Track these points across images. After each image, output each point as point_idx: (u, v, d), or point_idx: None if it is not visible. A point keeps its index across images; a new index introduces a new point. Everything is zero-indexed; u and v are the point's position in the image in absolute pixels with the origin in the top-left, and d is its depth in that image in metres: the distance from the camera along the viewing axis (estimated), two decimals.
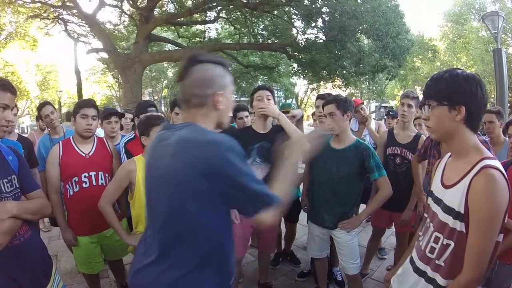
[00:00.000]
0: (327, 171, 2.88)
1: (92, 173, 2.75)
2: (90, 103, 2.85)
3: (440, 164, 1.71)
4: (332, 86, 20.29)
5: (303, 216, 3.68)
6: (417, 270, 1.58)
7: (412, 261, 1.66)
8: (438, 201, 1.55)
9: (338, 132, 2.84)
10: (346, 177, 2.81)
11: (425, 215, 1.71)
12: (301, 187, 3.94)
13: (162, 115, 3.16)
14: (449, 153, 1.67)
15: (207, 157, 1.23)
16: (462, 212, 1.36)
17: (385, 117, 6.43)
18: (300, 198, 4.00)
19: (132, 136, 3.33)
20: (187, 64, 1.40)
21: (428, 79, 1.57)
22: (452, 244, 1.41)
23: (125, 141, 3.31)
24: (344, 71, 13.63)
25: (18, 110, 3.81)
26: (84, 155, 2.78)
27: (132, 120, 4.23)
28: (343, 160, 2.84)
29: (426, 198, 1.75)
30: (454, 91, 1.40)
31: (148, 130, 2.56)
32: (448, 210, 1.44)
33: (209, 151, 1.24)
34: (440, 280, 1.44)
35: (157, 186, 1.37)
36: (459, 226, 1.38)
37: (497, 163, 1.36)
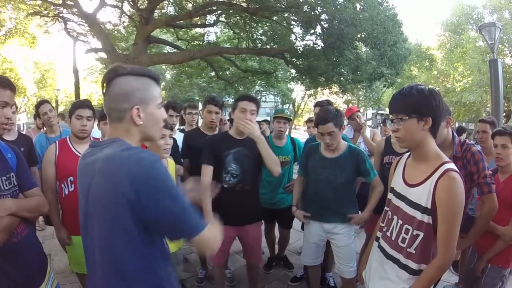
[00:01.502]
0: (324, 180, 2.94)
1: None
2: (85, 104, 2.88)
3: (399, 164, 1.97)
4: (329, 93, 20.32)
5: (297, 221, 3.71)
6: (390, 257, 1.82)
7: (383, 251, 1.89)
8: (401, 197, 1.81)
9: (335, 146, 2.91)
10: (344, 183, 2.91)
11: (386, 208, 1.98)
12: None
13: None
14: (407, 155, 1.94)
15: (129, 173, 1.17)
16: (429, 207, 1.63)
17: (381, 124, 6.47)
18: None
19: None
20: (107, 76, 1.33)
21: (395, 93, 1.78)
22: (422, 234, 1.68)
23: None
24: (342, 78, 13.65)
25: (17, 108, 3.81)
26: (80, 155, 2.79)
27: None
28: (339, 167, 2.92)
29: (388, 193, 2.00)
30: (421, 105, 1.63)
31: None
32: (414, 205, 1.71)
33: (131, 167, 1.18)
34: (413, 265, 1.71)
35: (87, 209, 1.30)
36: (426, 219, 1.65)
37: (454, 166, 1.65)
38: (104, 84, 1.35)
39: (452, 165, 1.65)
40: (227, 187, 2.84)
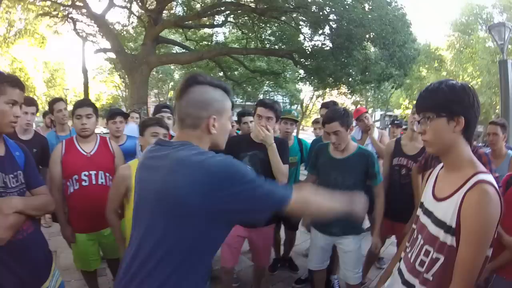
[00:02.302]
0: (331, 182, 2.82)
1: (92, 172, 2.80)
2: (84, 103, 2.92)
3: (431, 176, 1.69)
4: (337, 94, 20.28)
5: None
6: (405, 283, 1.56)
7: (401, 273, 1.64)
8: (428, 213, 1.54)
9: (343, 146, 2.83)
10: (352, 186, 2.72)
11: (413, 226, 1.70)
12: None
13: (161, 117, 3.17)
14: (441, 164, 1.64)
15: (208, 178, 1.20)
16: (454, 226, 1.35)
17: (390, 126, 6.43)
18: None
19: None
20: (186, 83, 1.38)
21: (422, 91, 1.54)
22: (442, 258, 1.40)
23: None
24: (350, 79, 13.61)
25: (37, 110, 3.84)
26: (85, 154, 2.84)
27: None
28: (348, 168, 2.83)
29: (416, 209, 1.73)
30: (453, 101, 1.39)
31: (143, 130, 2.61)
32: (439, 223, 1.43)
33: (210, 172, 1.21)
34: None
35: (148, 202, 1.32)
36: (449, 240, 1.37)
37: (490, 178, 1.34)
38: (181, 90, 1.39)
39: (487, 176, 1.35)
40: None
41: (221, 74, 18.50)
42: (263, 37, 15.66)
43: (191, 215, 1.21)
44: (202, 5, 13.93)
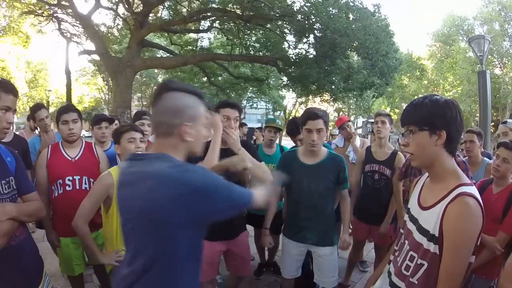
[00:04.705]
0: (304, 189, 2.77)
1: (76, 177, 2.81)
2: (69, 108, 2.92)
3: (418, 183, 1.74)
4: (320, 101, 20.46)
5: None
6: (392, 285, 1.62)
7: (389, 275, 1.70)
8: (413, 220, 1.59)
9: (319, 148, 2.76)
10: (325, 191, 2.77)
11: (401, 230, 1.76)
12: (283, 200, 4.03)
13: (136, 124, 3.15)
14: (427, 174, 1.69)
15: (187, 193, 1.22)
16: (437, 235, 1.40)
17: (372, 133, 6.57)
18: (283, 211, 4.10)
19: None
20: (159, 90, 1.37)
21: (407, 105, 1.58)
22: (426, 264, 1.45)
23: None
24: (333, 87, 13.76)
25: (15, 111, 3.77)
26: (70, 159, 2.85)
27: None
28: (319, 174, 2.77)
29: (400, 213, 1.82)
30: (435, 116, 1.43)
31: (118, 138, 2.56)
32: (423, 231, 1.49)
33: (189, 187, 1.23)
34: None
35: (133, 221, 1.33)
36: (433, 248, 1.42)
37: (473, 190, 1.40)
38: (154, 98, 1.39)
39: (470, 189, 1.40)
40: None
41: (205, 79, 18.49)
42: (248, 43, 15.73)
43: (176, 229, 1.24)
44: (189, 10, 13.92)
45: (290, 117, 35.29)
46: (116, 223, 2.37)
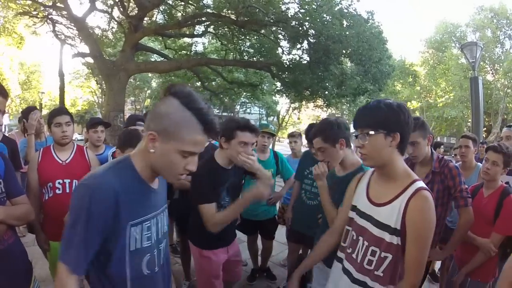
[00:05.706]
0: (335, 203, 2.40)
1: (67, 181, 2.82)
2: (62, 111, 2.94)
3: (361, 181, 1.86)
4: (313, 106, 20.54)
5: (279, 233, 3.78)
6: (356, 281, 1.69)
7: (348, 273, 1.74)
8: (366, 216, 1.69)
9: (336, 164, 2.51)
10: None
11: (348, 227, 1.83)
12: (277, 205, 4.07)
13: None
14: (371, 171, 1.85)
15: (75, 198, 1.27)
16: (399, 228, 1.53)
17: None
18: (276, 216, 4.14)
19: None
20: (164, 91, 1.29)
21: (361, 108, 1.69)
22: (390, 256, 1.57)
23: (112, 151, 3.47)
24: (326, 92, 13.84)
25: (4, 112, 3.73)
26: (60, 162, 2.86)
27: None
28: (344, 188, 2.41)
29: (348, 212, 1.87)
30: (391, 119, 1.55)
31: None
32: (382, 226, 1.60)
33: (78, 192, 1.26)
34: None
35: None
36: (395, 240, 1.55)
37: (424, 184, 1.57)
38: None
39: (423, 184, 1.56)
40: None
41: (198, 84, 18.44)
42: (242, 48, 15.73)
43: None
44: (184, 14, 13.93)
45: (284, 123, 35.66)
46: None
